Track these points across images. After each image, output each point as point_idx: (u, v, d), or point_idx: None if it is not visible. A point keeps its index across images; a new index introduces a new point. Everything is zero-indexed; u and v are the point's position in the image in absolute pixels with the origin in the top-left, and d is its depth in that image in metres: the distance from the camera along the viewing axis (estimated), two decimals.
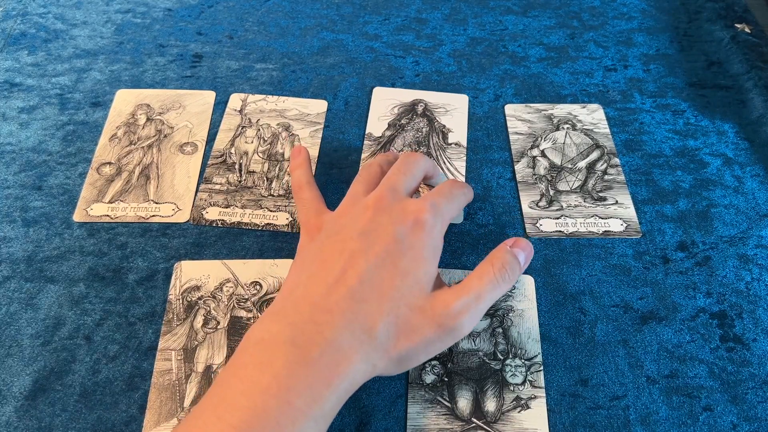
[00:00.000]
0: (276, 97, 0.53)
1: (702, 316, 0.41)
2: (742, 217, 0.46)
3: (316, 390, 0.31)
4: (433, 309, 0.34)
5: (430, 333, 0.33)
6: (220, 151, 0.49)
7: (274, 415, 0.29)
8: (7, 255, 0.43)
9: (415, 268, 0.34)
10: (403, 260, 0.34)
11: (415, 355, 0.34)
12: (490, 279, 0.35)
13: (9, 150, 0.48)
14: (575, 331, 0.40)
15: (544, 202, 0.47)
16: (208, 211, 0.45)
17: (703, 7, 0.62)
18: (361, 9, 0.62)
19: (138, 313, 0.40)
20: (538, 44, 0.59)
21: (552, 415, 0.37)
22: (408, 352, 0.33)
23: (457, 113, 0.52)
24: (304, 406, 0.30)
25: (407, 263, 0.34)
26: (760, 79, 0.54)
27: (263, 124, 0.51)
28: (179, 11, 0.61)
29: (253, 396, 0.30)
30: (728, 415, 0.37)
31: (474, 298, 0.34)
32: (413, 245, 0.35)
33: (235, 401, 0.30)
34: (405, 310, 0.33)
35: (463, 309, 0.34)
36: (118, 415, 0.36)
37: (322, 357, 0.31)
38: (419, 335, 0.33)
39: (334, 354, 0.32)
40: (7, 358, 0.38)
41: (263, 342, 0.32)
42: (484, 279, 0.35)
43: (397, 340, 0.33)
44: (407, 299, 0.34)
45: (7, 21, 0.58)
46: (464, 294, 0.34)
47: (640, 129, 0.52)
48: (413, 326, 0.33)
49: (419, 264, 0.35)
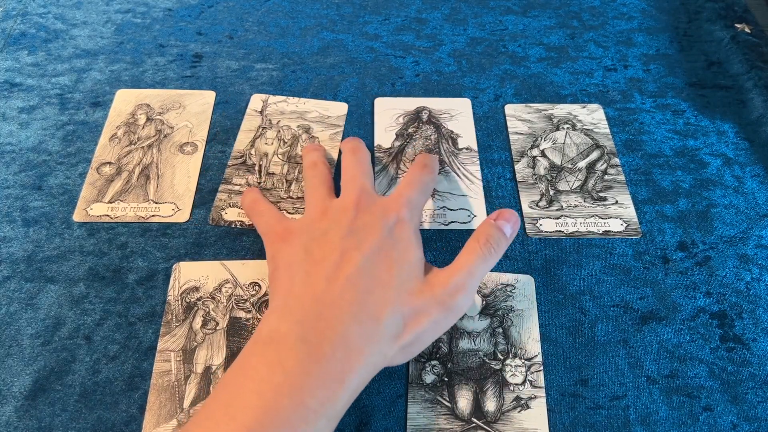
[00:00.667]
0: (297, 98, 0.53)
1: (702, 316, 0.41)
2: (742, 217, 0.46)
3: (329, 388, 0.31)
4: (432, 290, 0.35)
5: (435, 313, 0.35)
6: (240, 152, 0.49)
7: (287, 415, 0.29)
8: (7, 255, 0.43)
9: (408, 256, 0.36)
10: (394, 251, 0.36)
11: (423, 338, 0.35)
12: (478, 254, 0.36)
13: (9, 150, 0.48)
14: (575, 331, 0.40)
15: (544, 202, 0.47)
16: (227, 212, 0.45)
17: (703, 7, 0.62)
18: (361, 9, 0.62)
19: (138, 313, 0.40)
20: (538, 44, 0.59)
21: (552, 415, 0.37)
22: (416, 336, 0.34)
23: (462, 117, 0.52)
24: (317, 404, 0.30)
25: (399, 253, 0.36)
26: (760, 79, 0.54)
27: (283, 126, 0.51)
28: (179, 11, 0.61)
29: (265, 396, 0.30)
30: (728, 415, 0.37)
31: (467, 274, 0.36)
32: (400, 237, 0.37)
33: (247, 401, 0.30)
34: (407, 296, 0.35)
35: (459, 285, 0.35)
36: (118, 415, 0.36)
37: (334, 353, 0.31)
38: (425, 317, 0.34)
39: (346, 349, 0.32)
40: (7, 358, 0.38)
41: (273, 342, 0.32)
42: (473, 255, 0.36)
43: (405, 325, 0.34)
44: (407, 285, 0.35)
45: (7, 21, 0.58)
46: (457, 271, 0.36)
47: (640, 129, 0.52)
48: (418, 309, 0.34)
49: (410, 251, 0.37)
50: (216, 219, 0.45)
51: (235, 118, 0.51)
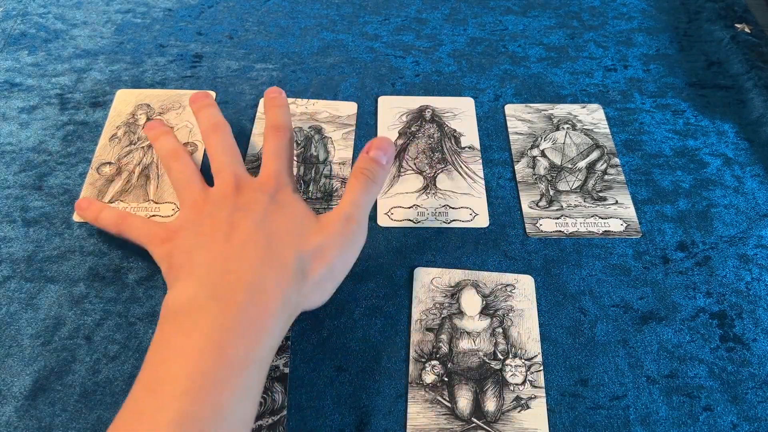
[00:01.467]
0: (305, 100, 0.53)
1: (702, 316, 0.41)
2: (742, 217, 0.46)
3: (251, 336, 0.31)
4: (328, 226, 0.37)
5: (336, 245, 0.37)
6: (255, 155, 0.49)
7: (216, 374, 0.29)
8: (7, 255, 0.43)
9: (296, 211, 0.38)
10: (282, 211, 0.38)
11: (333, 271, 0.37)
12: (358, 188, 0.39)
13: (9, 150, 0.48)
14: (575, 331, 0.40)
15: (544, 202, 0.47)
16: None
17: (703, 7, 0.62)
18: (361, 9, 0.62)
19: (138, 313, 0.40)
20: (538, 44, 0.59)
21: (552, 415, 0.37)
22: (327, 271, 0.36)
23: (465, 117, 0.52)
24: (242, 355, 0.30)
25: (288, 210, 0.38)
26: (760, 79, 0.54)
27: (295, 128, 0.51)
28: (179, 11, 0.61)
29: (188, 365, 0.29)
30: (728, 415, 0.37)
31: (352, 205, 0.38)
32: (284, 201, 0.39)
33: (172, 376, 0.29)
34: (306, 238, 0.37)
35: (349, 216, 0.38)
36: None
37: (249, 300, 0.32)
38: (328, 250, 0.36)
39: (260, 293, 0.32)
40: (7, 358, 0.38)
41: (183, 309, 0.32)
42: (354, 189, 0.39)
43: (313, 262, 0.36)
44: (305, 228, 0.37)
45: (7, 21, 0.59)
46: (345, 205, 0.38)
47: (640, 129, 0.52)
48: (321, 246, 0.36)
49: (297, 207, 0.39)
50: None
51: (235, 118, 0.51)
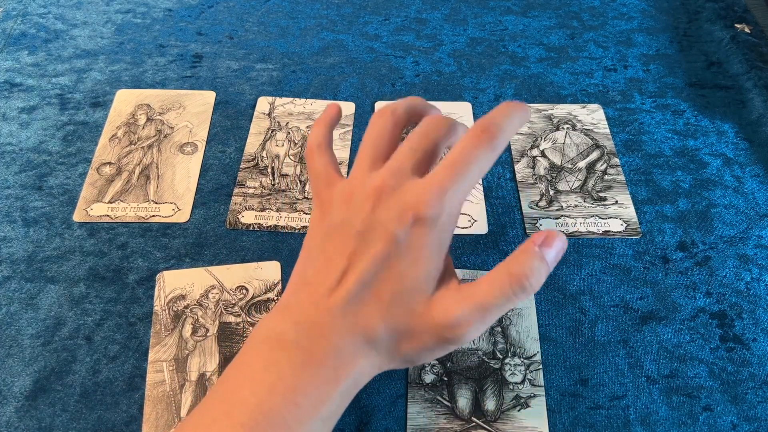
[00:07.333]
0: (303, 99, 0.53)
1: (702, 316, 0.41)
2: (742, 217, 0.46)
3: (322, 390, 0.31)
4: (433, 318, 0.31)
5: (430, 342, 0.31)
6: (251, 155, 0.49)
7: (282, 414, 0.29)
8: (7, 255, 0.43)
9: (415, 272, 0.31)
10: (401, 263, 0.31)
11: (419, 357, 0.33)
12: (503, 291, 0.30)
13: (9, 150, 0.48)
14: (575, 331, 0.40)
15: (544, 202, 0.47)
16: (244, 215, 0.45)
17: (703, 7, 0.62)
18: (361, 9, 0.62)
19: (138, 313, 0.40)
20: (538, 44, 0.59)
21: (552, 415, 0.37)
22: (412, 356, 0.33)
23: (462, 121, 0.52)
24: (310, 406, 0.30)
25: (406, 266, 0.31)
26: (760, 79, 0.54)
27: (293, 127, 0.51)
28: (179, 11, 0.61)
29: (260, 394, 0.30)
30: (728, 415, 0.37)
31: (478, 310, 0.30)
32: (412, 246, 0.31)
33: (243, 398, 0.30)
34: (405, 317, 0.31)
35: (464, 322, 0.30)
36: (118, 415, 0.36)
37: (326, 359, 0.31)
38: (419, 342, 0.31)
39: (337, 358, 0.31)
40: (7, 358, 0.38)
41: (269, 341, 0.32)
42: (496, 290, 0.30)
43: (399, 344, 0.32)
44: (407, 305, 0.31)
45: (7, 21, 0.59)
46: (468, 304, 0.30)
47: (640, 129, 0.52)
48: (412, 333, 0.31)
49: (419, 266, 0.31)
50: (233, 223, 0.45)
51: (235, 119, 0.51)
